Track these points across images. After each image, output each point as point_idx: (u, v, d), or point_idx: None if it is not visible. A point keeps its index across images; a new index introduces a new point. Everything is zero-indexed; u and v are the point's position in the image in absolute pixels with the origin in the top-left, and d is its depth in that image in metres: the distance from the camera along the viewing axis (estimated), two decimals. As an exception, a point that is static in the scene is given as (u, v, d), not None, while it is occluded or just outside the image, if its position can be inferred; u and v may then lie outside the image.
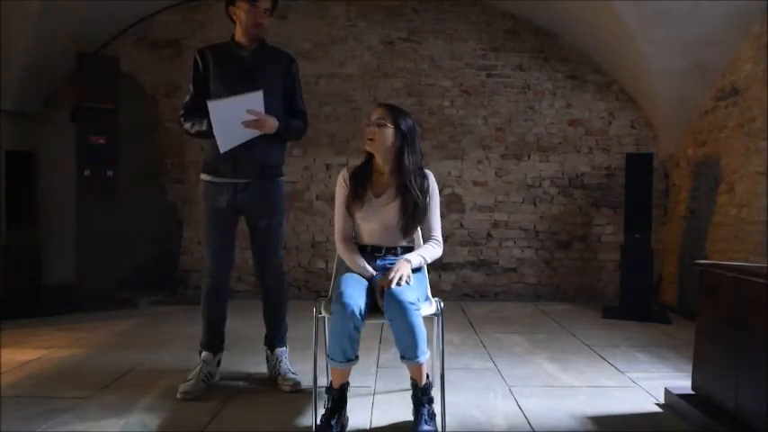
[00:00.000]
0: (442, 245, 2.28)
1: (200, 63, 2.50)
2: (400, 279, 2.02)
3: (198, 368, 2.53)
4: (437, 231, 2.26)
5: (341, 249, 2.27)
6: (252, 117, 2.33)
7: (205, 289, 2.62)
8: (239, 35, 2.51)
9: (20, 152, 4.07)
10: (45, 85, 4.46)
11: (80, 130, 4.13)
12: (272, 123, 2.39)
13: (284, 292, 2.71)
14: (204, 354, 2.58)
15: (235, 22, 2.52)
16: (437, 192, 2.28)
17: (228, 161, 2.42)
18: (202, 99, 2.38)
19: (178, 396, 2.40)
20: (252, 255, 2.74)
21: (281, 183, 2.64)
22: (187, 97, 2.53)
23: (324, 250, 4.74)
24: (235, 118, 2.30)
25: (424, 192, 2.21)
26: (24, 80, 4.16)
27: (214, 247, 2.58)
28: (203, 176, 2.56)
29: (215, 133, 2.34)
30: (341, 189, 2.28)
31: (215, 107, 2.30)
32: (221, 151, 2.36)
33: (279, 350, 2.67)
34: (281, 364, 2.63)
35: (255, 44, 2.53)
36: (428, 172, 2.28)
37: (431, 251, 2.23)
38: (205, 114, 2.34)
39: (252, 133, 2.35)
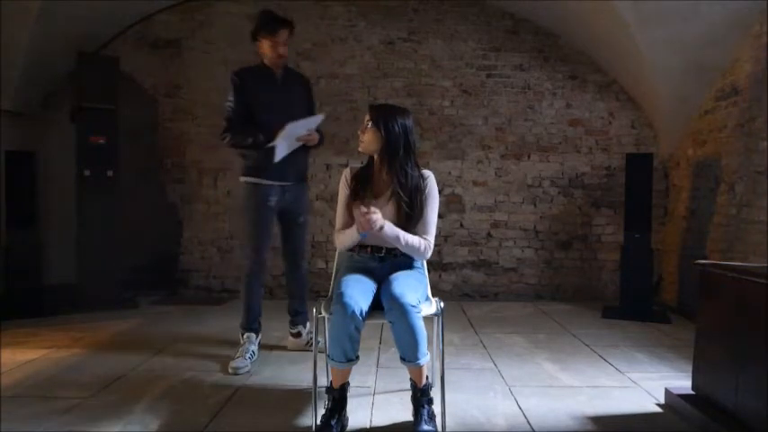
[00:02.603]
0: (430, 246, 2.20)
1: (239, 85, 2.86)
2: (372, 222, 2.06)
3: (243, 347, 2.90)
4: (430, 233, 2.21)
5: (338, 239, 2.28)
6: (305, 134, 2.82)
7: (248, 279, 2.97)
8: (267, 62, 2.90)
9: (20, 152, 4.06)
10: (45, 85, 4.46)
11: (80, 130, 4.14)
12: (317, 138, 2.93)
13: (307, 278, 3.18)
14: (247, 334, 2.96)
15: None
16: (436, 193, 2.26)
17: (277, 167, 2.79)
18: (243, 118, 2.83)
19: (230, 371, 2.72)
20: (284, 247, 3.14)
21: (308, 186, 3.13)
22: (229, 115, 2.87)
23: (324, 250, 4.75)
24: (292, 135, 2.76)
25: (416, 192, 2.19)
26: (24, 80, 4.15)
27: (260, 239, 2.92)
28: (252, 179, 2.89)
29: (278, 147, 2.73)
30: (343, 188, 2.29)
31: (289, 127, 2.72)
32: (276, 161, 2.74)
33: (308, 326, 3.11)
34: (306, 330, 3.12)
35: (281, 68, 2.95)
36: (428, 173, 2.26)
37: (415, 240, 2.17)
38: (251, 130, 2.79)
39: (294, 146, 2.79)
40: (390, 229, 2.12)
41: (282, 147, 2.75)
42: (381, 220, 2.09)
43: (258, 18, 2.88)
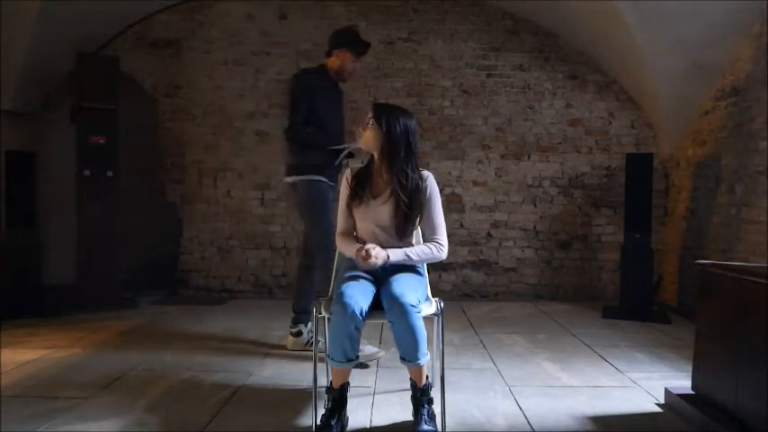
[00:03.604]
0: (445, 247, 2.21)
1: (309, 87, 2.97)
2: (370, 256, 2.07)
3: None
4: (439, 234, 2.22)
5: (339, 243, 2.30)
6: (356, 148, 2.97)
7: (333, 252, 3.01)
8: (332, 67, 3.05)
9: (20, 152, 4.06)
10: (45, 85, 4.46)
11: (80, 130, 4.13)
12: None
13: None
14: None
15: (330, 56, 3.05)
16: (437, 193, 2.25)
17: (332, 169, 3.05)
18: (305, 118, 2.95)
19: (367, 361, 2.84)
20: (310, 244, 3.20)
21: None
22: (298, 113, 2.95)
23: (324, 250, 4.74)
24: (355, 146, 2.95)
25: (416, 193, 2.18)
26: (24, 80, 4.15)
27: (332, 220, 2.97)
28: (315, 177, 3.01)
29: (345, 152, 3.00)
30: (344, 188, 2.29)
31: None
32: (335, 164, 3.02)
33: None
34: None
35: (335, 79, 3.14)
36: (427, 173, 2.25)
37: (424, 249, 2.19)
38: (317, 131, 2.96)
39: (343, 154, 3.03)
40: (396, 255, 2.13)
41: (345, 152, 3.01)
42: (383, 254, 2.10)
43: (346, 33, 3.09)
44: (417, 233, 2.38)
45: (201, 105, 4.78)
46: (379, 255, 2.08)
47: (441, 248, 2.20)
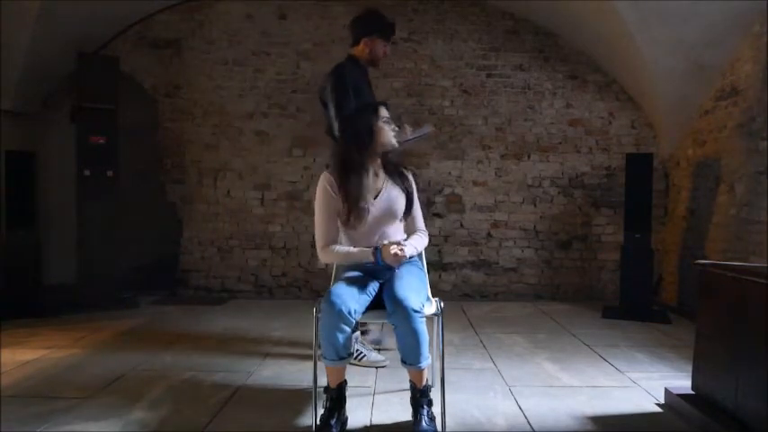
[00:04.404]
0: (427, 234, 2.37)
1: (352, 81, 2.85)
2: (398, 257, 2.11)
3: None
4: (422, 224, 2.37)
5: (331, 256, 2.21)
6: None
7: None
8: (361, 56, 2.97)
9: (20, 152, 4.06)
10: (45, 85, 4.46)
11: (80, 130, 4.13)
12: None
13: None
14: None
15: (357, 44, 2.99)
16: (415, 189, 2.37)
17: None
18: None
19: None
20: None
21: None
22: (348, 111, 2.78)
23: (324, 250, 4.74)
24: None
25: (410, 187, 2.31)
26: (24, 80, 4.16)
27: None
28: None
29: (422, 137, 3.09)
30: (326, 197, 2.20)
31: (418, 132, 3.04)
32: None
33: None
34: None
35: None
36: (406, 172, 2.34)
37: (420, 241, 2.31)
38: None
39: None
40: (412, 249, 2.20)
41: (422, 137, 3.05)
42: (408, 251, 2.16)
43: (371, 18, 2.97)
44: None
45: (201, 105, 4.78)
46: (406, 251, 2.14)
47: (426, 234, 2.37)
